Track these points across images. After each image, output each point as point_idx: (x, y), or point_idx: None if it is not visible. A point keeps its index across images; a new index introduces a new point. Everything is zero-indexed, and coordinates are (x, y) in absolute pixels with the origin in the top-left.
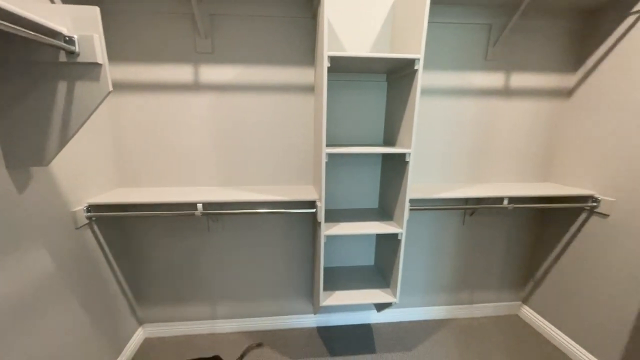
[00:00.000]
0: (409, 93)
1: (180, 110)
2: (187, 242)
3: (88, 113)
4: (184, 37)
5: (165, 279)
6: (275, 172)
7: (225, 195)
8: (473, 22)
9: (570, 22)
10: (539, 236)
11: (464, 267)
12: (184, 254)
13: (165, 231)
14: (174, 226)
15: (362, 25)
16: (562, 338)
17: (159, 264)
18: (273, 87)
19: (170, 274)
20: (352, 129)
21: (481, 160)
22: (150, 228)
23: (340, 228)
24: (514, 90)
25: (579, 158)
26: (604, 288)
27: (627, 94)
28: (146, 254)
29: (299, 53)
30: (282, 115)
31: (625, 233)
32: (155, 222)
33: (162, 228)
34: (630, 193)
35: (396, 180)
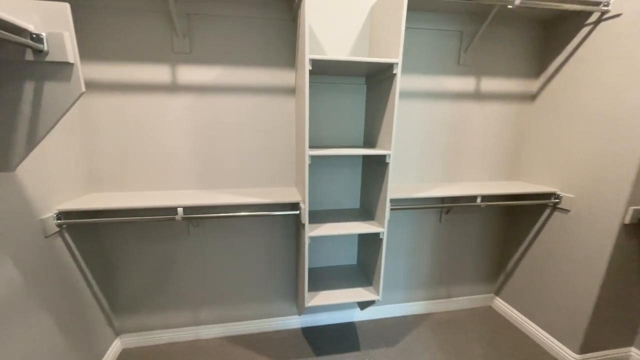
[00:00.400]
0: (388, 96)
1: (157, 111)
2: (166, 247)
3: (58, 115)
4: (161, 37)
5: (143, 287)
6: (256, 174)
7: (206, 199)
8: (446, 28)
9: (533, 31)
10: (508, 231)
11: (441, 263)
12: (163, 259)
13: (143, 237)
14: (152, 232)
15: (341, 29)
16: (531, 326)
17: (136, 271)
18: (253, 89)
19: (149, 281)
20: (333, 131)
21: (455, 160)
22: (126, 234)
23: (324, 229)
24: (484, 94)
25: (542, 158)
26: (566, 277)
27: (583, 98)
28: (123, 261)
29: (279, 55)
30: (262, 117)
31: (583, 226)
32: (131, 228)
33: (140, 234)
34: (587, 190)
35: (377, 181)
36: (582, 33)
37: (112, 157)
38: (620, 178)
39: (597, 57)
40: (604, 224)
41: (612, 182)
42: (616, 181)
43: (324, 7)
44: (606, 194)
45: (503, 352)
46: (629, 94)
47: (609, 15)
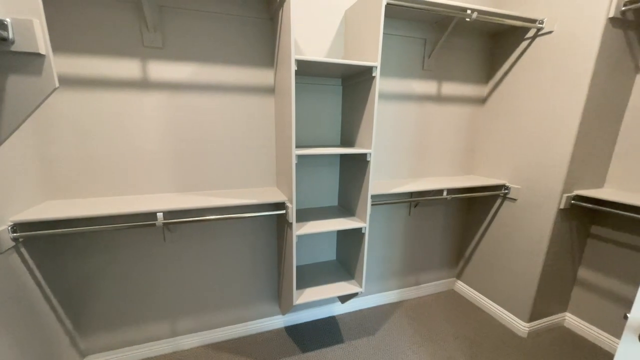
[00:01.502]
0: (366, 97)
1: (126, 110)
2: (139, 256)
3: (26, 113)
4: (129, 29)
5: (114, 301)
6: (235, 175)
7: (187, 202)
8: (412, 35)
9: (484, 42)
10: (466, 220)
11: (411, 253)
12: (136, 270)
13: (112, 247)
14: (122, 241)
15: (317, 31)
16: (488, 303)
17: (105, 285)
18: (231, 88)
19: (120, 294)
20: (310, 130)
21: (421, 157)
22: (93, 245)
23: (311, 227)
24: (444, 97)
25: (493, 154)
26: (515, 258)
27: (524, 102)
28: (90, 275)
29: (258, 54)
30: (241, 116)
31: (528, 213)
32: (99, 238)
33: (108, 244)
34: (530, 181)
35: (357, 179)
36: (522, 46)
37: (76, 160)
38: (556, 171)
39: (535, 67)
40: (545, 209)
41: (550, 175)
42: (552, 173)
43: (300, 9)
44: (545, 185)
45: (467, 329)
46: (560, 99)
47: (544, 32)
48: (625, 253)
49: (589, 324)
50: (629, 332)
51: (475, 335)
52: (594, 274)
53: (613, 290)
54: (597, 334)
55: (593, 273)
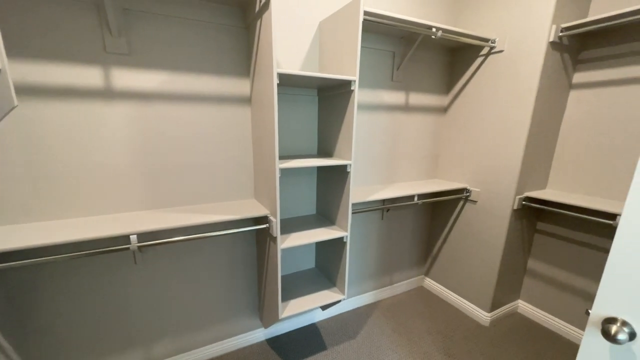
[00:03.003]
0: (344, 110)
1: (88, 122)
2: (106, 283)
3: None
4: (89, 33)
5: (76, 337)
6: (211, 188)
7: (160, 222)
8: (382, 48)
9: (445, 57)
10: (433, 221)
11: (384, 255)
12: (102, 299)
13: (72, 277)
14: (86, 266)
15: (292, 41)
16: (454, 297)
17: (65, 321)
18: (205, 97)
19: (84, 328)
20: (288, 140)
21: (391, 163)
22: (48, 277)
23: (294, 239)
24: (411, 107)
25: (455, 159)
26: (476, 254)
27: (480, 112)
28: (45, 312)
29: (233, 63)
30: (216, 127)
31: (487, 213)
32: (55, 268)
33: (68, 271)
34: (488, 185)
35: (336, 188)
36: (478, 62)
37: (28, 181)
38: (509, 175)
39: (489, 81)
40: (501, 210)
41: (504, 179)
42: (506, 178)
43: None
44: (501, 188)
45: (438, 323)
46: (511, 111)
47: (496, 50)
48: (565, 245)
49: (538, 309)
50: (591, 326)
51: (446, 328)
52: (540, 264)
53: (556, 278)
54: (545, 317)
55: (540, 263)
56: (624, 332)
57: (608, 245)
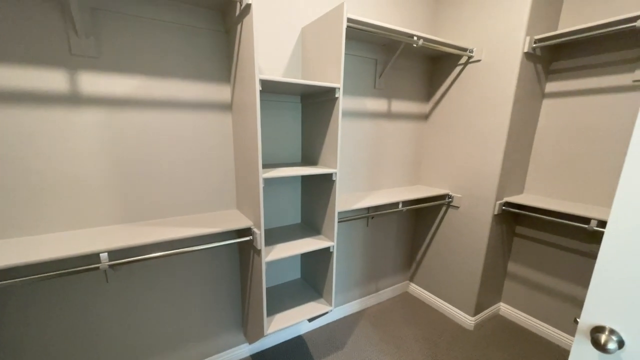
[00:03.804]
0: (329, 117)
1: (51, 130)
2: (75, 302)
3: None
4: (52, 33)
5: None
6: (191, 199)
7: (134, 237)
8: (364, 55)
9: (426, 65)
10: (416, 227)
11: (370, 262)
12: (72, 319)
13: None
14: (52, 287)
15: (274, 47)
16: (439, 302)
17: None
18: (183, 104)
19: (52, 351)
20: (271, 148)
21: (375, 170)
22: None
23: (279, 251)
24: (393, 114)
25: (436, 165)
26: (459, 259)
27: (460, 119)
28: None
29: (212, 68)
30: (195, 135)
31: (469, 219)
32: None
33: (35, 293)
34: (470, 190)
35: (322, 197)
36: (457, 70)
37: None
38: (490, 181)
39: (467, 89)
40: (483, 215)
41: (484, 185)
42: (487, 184)
43: (256, 25)
44: (482, 193)
45: (424, 329)
46: (489, 118)
47: (474, 60)
48: (542, 248)
49: (519, 311)
50: (580, 335)
51: (432, 334)
52: (520, 267)
53: (535, 280)
54: (526, 319)
55: (519, 266)
56: (613, 341)
57: (582, 247)
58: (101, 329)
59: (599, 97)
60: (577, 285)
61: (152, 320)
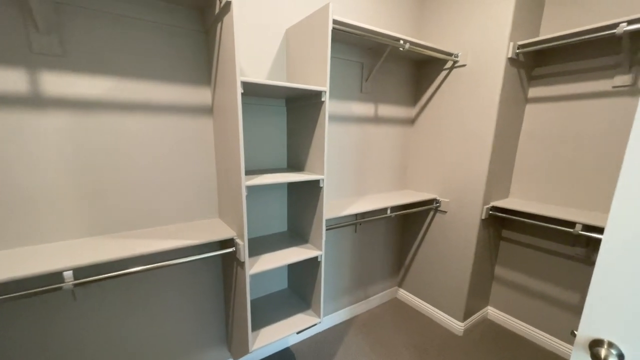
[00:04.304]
0: (315, 122)
1: (11, 134)
2: (43, 323)
3: None
4: (8, 29)
5: None
6: (169, 208)
7: (104, 252)
8: (350, 59)
9: (411, 69)
10: (404, 232)
11: (358, 268)
12: (40, 342)
13: None
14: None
15: (257, 48)
16: (428, 307)
17: None
18: (160, 107)
19: None
20: (255, 153)
21: (362, 175)
22: None
23: (264, 262)
24: (381, 118)
25: (423, 170)
26: (448, 264)
27: (446, 123)
28: None
29: (191, 70)
30: (173, 140)
31: (457, 223)
32: None
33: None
34: (457, 195)
35: (309, 204)
36: (442, 75)
37: None
38: (476, 186)
39: (453, 94)
40: (470, 220)
41: (472, 189)
42: (474, 188)
43: (238, 24)
44: (469, 198)
45: (414, 336)
46: (475, 123)
47: (459, 65)
48: (528, 251)
49: (506, 314)
50: (578, 349)
51: (422, 341)
52: (506, 271)
53: (522, 284)
54: (513, 322)
55: (506, 270)
56: (613, 355)
57: (568, 250)
58: (75, 350)
59: (580, 103)
60: (563, 288)
61: (130, 338)
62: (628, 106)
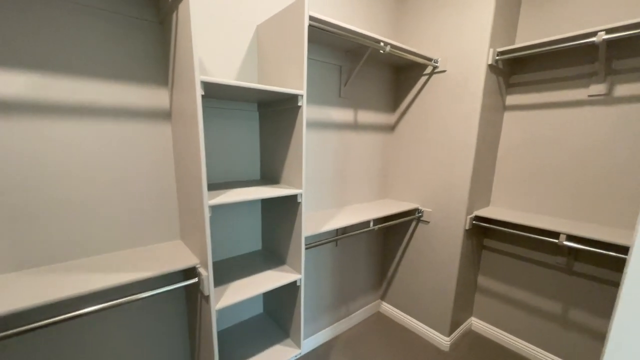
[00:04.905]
0: (292, 129)
1: None
2: None
3: None
4: None
5: None
6: (118, 231)
7: (29, 296)
8: (328, 61)
9: (389, 74)
10: (386, 243)
11: (339, 284)
12: None
13: None
14: None
15: (224, 45)
16: (412, 321)
17: None
18: (105, 111)
19: None
20: (224, 164)
21: (342, 184)
22: None
23: (234, 293)
24: (360, 125)
25: (404, 178)
26: (433, 276)
27: (427, 131)
28: None
29: (144, 67)
30: (121, 150)
31: (440, 233)
32: None
33: None
34: (440, 205)
35: (286, 221)
36: (422, 80)
37: None
38: (460, 195)
39: (433, 100)
40: (454, 230)
41: (455, 199)
42: (457, 198)
43: (201, 17)
44: (452, 208)
45: (398, 353)
46: (456, 130)
47: (439, 70)
48: (509, 260)
49: (490, 324)
50: None
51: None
52: (489, 281)
53: (504, 293)
54: (498, 333)
55: (489, 280)
56: None
57: (549, 260)
58: None
59: (557, 111)
60: (546, 297)
61: None
62: (603, 115)
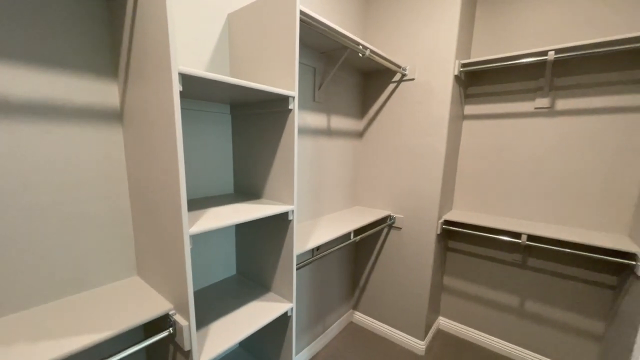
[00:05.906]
0: (279, 136)
1: None
2: None
3: None
4: None
5: None
6: (47, 273)
7: None
8: (302, 62)
9: (358, 79)
10: (358, 251)
11: (315, 300)
12: None
13: None
14: None
15: (192, 34)
16: (385, 328)
17: None
18: (20, 107)
19: None
20: (189, 175)
21: (318, 194)
22: None
23: (219, 340)
24: (333, 131)
25: (374, 185)
26: (406, 281)
27: (396, 138)
28: None
29: (82, 51)
30: (47, 162)
31: (412, 239)
32: None
33: None
34: (412, 211)
35: (270, 241)
36: (390, 88)
37: None
38: (431, 201)
39: (402, 107)
40: (426, 235)
41: (426, 205)
42: (428, 203)
43: None
44: (424, 213)
45: None
46: (424, 137)
47: (407, 78)
48: (470, 259)
49: (455, 322)
50: None
51: None
52: (453, 279)
53: (467, 290)
54: (464, 329)
55: (452, 279)
56: None
57: (506, 257)
58: None
59: (509, 121)
60: (505, 292)
61: None
62: (547, 126)
